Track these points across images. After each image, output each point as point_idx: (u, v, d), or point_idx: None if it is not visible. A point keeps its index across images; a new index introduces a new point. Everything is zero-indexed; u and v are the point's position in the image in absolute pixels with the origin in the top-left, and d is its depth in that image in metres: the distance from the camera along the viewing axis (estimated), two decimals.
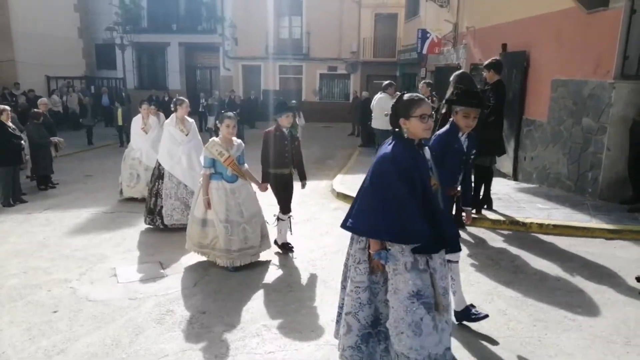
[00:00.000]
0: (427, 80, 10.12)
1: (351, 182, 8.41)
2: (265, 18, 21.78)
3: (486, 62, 6.10)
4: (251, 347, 3.31)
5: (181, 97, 6.58)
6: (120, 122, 13.95)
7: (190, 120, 6.31)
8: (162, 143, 6.16)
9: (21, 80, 17.87)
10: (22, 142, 7.90)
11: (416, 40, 13.34)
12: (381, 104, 8.61)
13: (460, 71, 5.87)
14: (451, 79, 5.92)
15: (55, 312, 3.86)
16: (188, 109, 6.24)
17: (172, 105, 6.45)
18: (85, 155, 12.80)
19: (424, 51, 12.95)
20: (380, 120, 8.50)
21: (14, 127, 7.88)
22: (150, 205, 6.11)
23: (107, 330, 3.55)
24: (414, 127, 2.54)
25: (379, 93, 8.80)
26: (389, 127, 2.89)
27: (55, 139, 9.05)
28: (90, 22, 22.60)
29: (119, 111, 14.15)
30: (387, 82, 9.20)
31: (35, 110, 9.25)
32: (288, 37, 22.74)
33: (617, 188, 6.45)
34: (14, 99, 15.93)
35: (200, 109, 18.07)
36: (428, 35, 12.62)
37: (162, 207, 6.00)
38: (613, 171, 6.45)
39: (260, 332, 3.51)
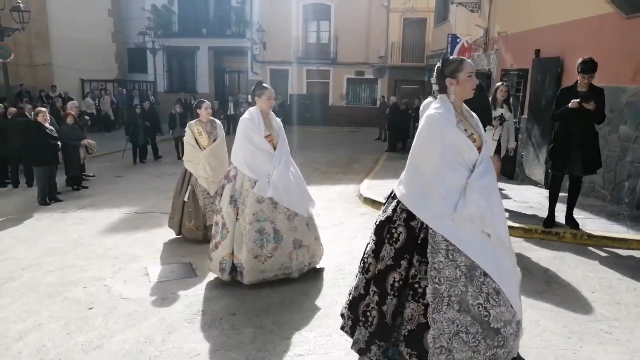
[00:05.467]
0: None
1: (378, 188, 8.39)
2: (294, 23, 21.98)
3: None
4: (281, 349, 3.32)
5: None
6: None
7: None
8: (435, 169, 2.61)
9: (57, 83, 18.51)
10: (59, 142, 8.15)
11: (446, 45, 13.20)
12: (427, 109, 8.44)
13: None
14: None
15: (90, 308, 3.97)
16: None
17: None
18: (116, 155, 13.04)
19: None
20: None
21: (52, 128, 8.15)
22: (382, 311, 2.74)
23: (141, 328, 3.62)
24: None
25: (428, 98, 8.64)
26: None
27: (86, 141, 9.27)
28: (123, 26, 23.22)
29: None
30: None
31: (64, 112, 9.54)
32: (316, 41, 22.87)
33: None
34: (50, 100, 16.48)
35: (228, 113, 18.32)
36: (458, 40, 12.47)
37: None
38: None
39: (290, 335, 3.52)
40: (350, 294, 2.96)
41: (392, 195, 2.85)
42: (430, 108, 2.71)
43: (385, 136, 16.63)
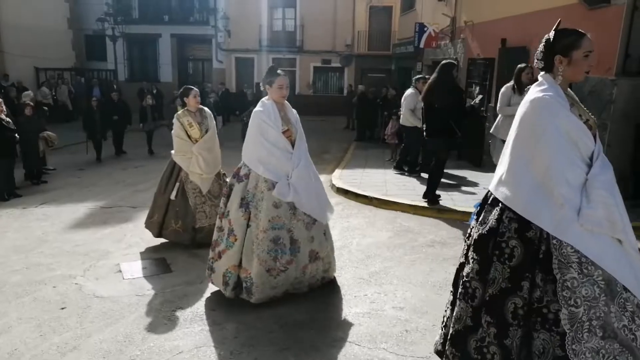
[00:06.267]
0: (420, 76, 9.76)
1: (350, 177, 8.41)
2: (259, 10, 21.60)
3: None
4: (266, 343, 3.28)
5: None
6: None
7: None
8: (550, 164, 2.16)
9: (9, 72, 17.54)
10: (17, 135, 7.74)
11: (413, 33, 13.32)
12: (407, 100, 8.42)
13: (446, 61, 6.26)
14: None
15: (63, 308, 3.81)
16: None
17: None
18: (77, 147, 12.46)
19: (421, 45, 12.92)
20: (404, 117, 8.39)
21: (8, 120, 7.73)
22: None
23: (118, 327, 3.50)
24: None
25: (409, 89, 8.59)
26: (415, 124, 2.78)
27: (45, 133, 8.84)
28: (80, 12, 22.20)
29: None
30: (418, 76, 8.94)
31: (21, 102, 9.06)
32: (282, 29, 22.56)
33: (618, 185, 6.51)
34: (3, 90, 15.62)
35: None
36: (425, 29, 12.59)
37: None
38: (614, 168, 6.50)
39: (273, 329, 3.48)
40: (452, 326, 2.38)
41: (489, 202, 2.35)
42: (534, 91, 2.22)
43: (353, 125, 16.67)
